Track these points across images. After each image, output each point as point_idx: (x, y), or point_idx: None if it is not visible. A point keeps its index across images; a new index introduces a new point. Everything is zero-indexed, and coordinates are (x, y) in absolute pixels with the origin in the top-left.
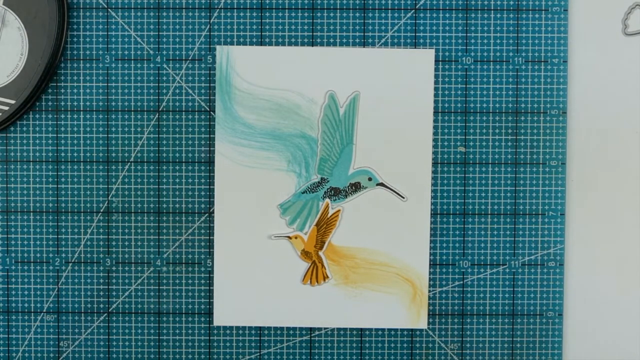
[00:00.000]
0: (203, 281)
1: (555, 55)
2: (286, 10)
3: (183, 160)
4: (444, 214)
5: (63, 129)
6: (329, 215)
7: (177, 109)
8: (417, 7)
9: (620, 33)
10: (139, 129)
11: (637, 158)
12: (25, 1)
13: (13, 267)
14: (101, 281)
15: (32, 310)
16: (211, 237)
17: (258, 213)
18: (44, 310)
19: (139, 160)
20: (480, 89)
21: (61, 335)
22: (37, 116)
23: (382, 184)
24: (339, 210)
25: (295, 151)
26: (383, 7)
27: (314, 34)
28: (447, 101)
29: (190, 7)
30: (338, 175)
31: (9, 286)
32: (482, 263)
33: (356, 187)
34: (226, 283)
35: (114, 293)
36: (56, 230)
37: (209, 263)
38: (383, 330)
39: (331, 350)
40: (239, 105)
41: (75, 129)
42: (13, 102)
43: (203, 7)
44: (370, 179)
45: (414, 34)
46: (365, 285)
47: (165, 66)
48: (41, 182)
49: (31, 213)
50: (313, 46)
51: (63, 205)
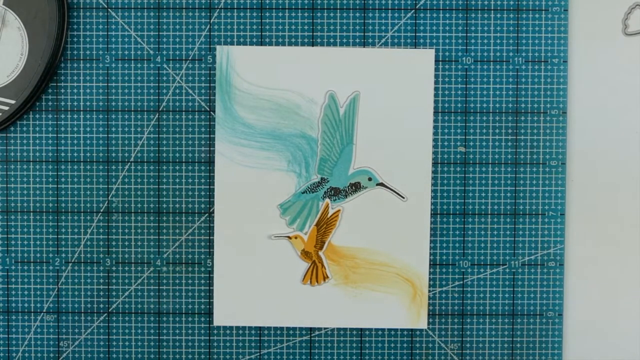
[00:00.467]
0: (203, 281)
1: (555, 55)
2: (286, 10)
3: (183, 160)
4: (444, 214)
5: (63, 129)
6: (329, 215)
7: (177, 109)
8: (417, 7)
9: (620, 33)
10: (139, 129)
11: (637, 158)
12: (25, 1)
13: (13, 267)
14: (101, 281)
15: (32, 310)
16: (211, 237)
17: (258, 213)
18: (44, 310)
19: (139, 160)
20: (480, 89)
21: (61, 335)
22: (37, 116)
23: (382, 184)
24: (339, 210)
25: (295, 151)
26: (383, 7)
27: (314, 34)
28: (447, 101)
29: (190, 7)
30: (338, 175)
31: (9, 286)
32: (482, 263)
33: (356, 187)
34: (226, 283)
35: (114, 293)
36: (56, 230)
37: (209, 263)
38: (383, 330)
39: (331, 350)
40: (239, 105)
41: (75, 129)
42: (13, 102)
43: (203, 7)
44: (370, 179)
45: (414, 34)
46: (365, 285)
47: (165, 66)
48: (41, 182)
49: (31, 213)
50: (313, 46)
51: (63, 205)
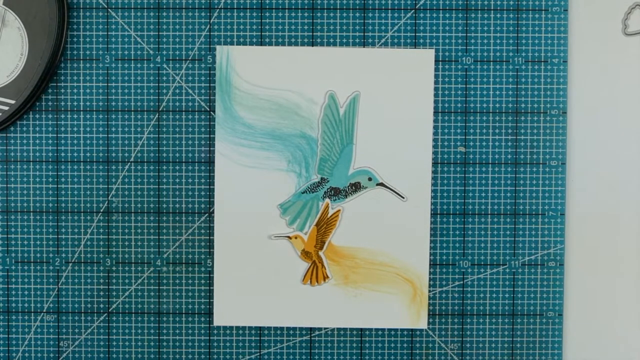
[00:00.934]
0: (203, 281)
1: (555, 55)
2: (286, 10)
3: (183, 160)
4: (444, 214)
5: (63, 129)
6: (329, 215)
7: (177, 109)
8: (417, 7)
9: (620, 33)
10: (139, 129)
11: (637, 158)
12: (25, 1)
13: (13, 267)
14: (101, 281)
15: (32, 310)
16: (211, 237)
17: (258, 213)
18: (44, 310)
19: (139, 160)
20: (480, 89)
21: (61, 335)
22: (37, 116)
23: (382, 184)
24: (339, 210)
25: (295, 151)
26: (383, 7)
27: (314, 34)
28: (447, 101)
29: (190, 7)
30: (338, 175)
31: (9, 286)
32: (482, 263)
33: (356, 187)
34: (226, 283)
35: (114, 293)
36: (56, 230)
37: (209, 263)
38: (383, 330)
39: (331, 350)
40: (239, 105)
41: (75, 129)
42: (13, 102)
43: (203, 7)
44: (370, 179)
45: (414, 34)
46: (365, 285)
47: (165, 66)
48: (41, 182)
49: (31, 213)
50: (313, 46)
51: (63, 205)
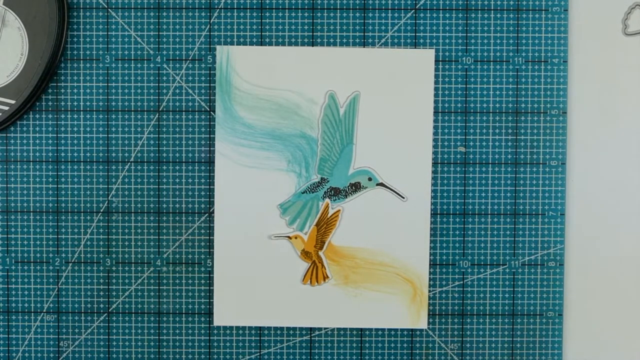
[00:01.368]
0: (203, 281)
1: (555, 55)
2: (286, 10)
3: (183, 160)
4: (444, 214)
5: (63, 129)
6: (329, 215)
7: (177, 109)
8: (417, 7)
9: (620, 33)
10: (139, 129)
11: (637, 158)
12: (25, 1)
13: (13, 267)
14: (101, 281)
15: (32, 310)
16: (211, 237)
17: (258, 213)
18: (44, 310)
19: (139, 160)
20: (480, 89)
21: (61, 335)
22: (37, 116)
23: (382, 184)
24: (339, 210)
25: (295, 151)
26: (383, 7)
27: (314, 34)
28: (447, 101)
29: (190, 7)
30: (338, 175)
31: (9, 286)
32: (482, 263)
33: (356, 187)
34: (226, 283)
35: (114, 293)
36: (56, 230)
37: (209, 263)
38: (383, 330)
39: (331, 350)
40: (239, 105)
41: (75, 129)
42: (13, 102)
43: (203, 7)
44: (370, 179)
45: (414, 34)
46: (365, 285)
47: (165, 66)
48: (41, 182)
49: (31, 213)
50: (313, 46)
51: (63, 205)
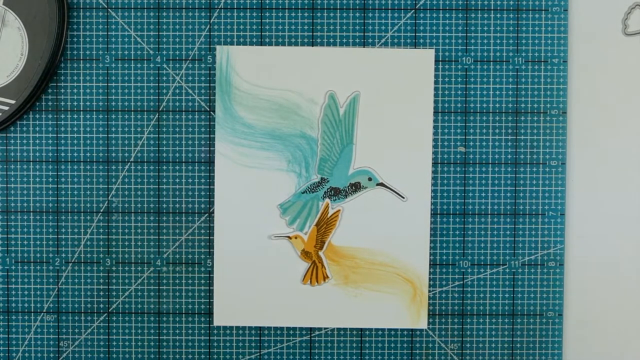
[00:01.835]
0: (203, 281)
1: (555, 55)
2: (286, 10)
3: (183, 160)
4: (444, 214)
5: (63, 129)
6: (329, 215)
7: (177, 109)
8: (417, 7)
9: (620, 33)
10: (139, 129)
11: (637, 158)
12: (25, 1)
13: (13, 267)
14: (101, 281)
15: (32, 310)
16: (211, 237)
17: (258, 213)
18: (44, 310)
19: (139, 160)
20: (480, 89)
21: (61, 335)
22: (37, 116)
23: (382, 184)
24: (339, 210)
25: (295, 151)
26: (383, 7)
27: (314, 34)
28: (447, 101)
29: (190, 7)
30: (338, 175)
31: (9, 286)
32: (482, 263)
33: (356, 187)
34: (226, 283)
35: (114, 293)
36: (56, 230)
37: (209, 263)
38: (383, 330)
39: (331, 350)
40: (239, 105)
41: (75, 129)
42: (13, 102)
43: (203, 7)
44: (370, 179)
45: (414, 34)
46: (365, 285)
47: (165, 66)
48: (41, 182)
49: (31, 213)
50: (313, 46)
51: (63, 205)
